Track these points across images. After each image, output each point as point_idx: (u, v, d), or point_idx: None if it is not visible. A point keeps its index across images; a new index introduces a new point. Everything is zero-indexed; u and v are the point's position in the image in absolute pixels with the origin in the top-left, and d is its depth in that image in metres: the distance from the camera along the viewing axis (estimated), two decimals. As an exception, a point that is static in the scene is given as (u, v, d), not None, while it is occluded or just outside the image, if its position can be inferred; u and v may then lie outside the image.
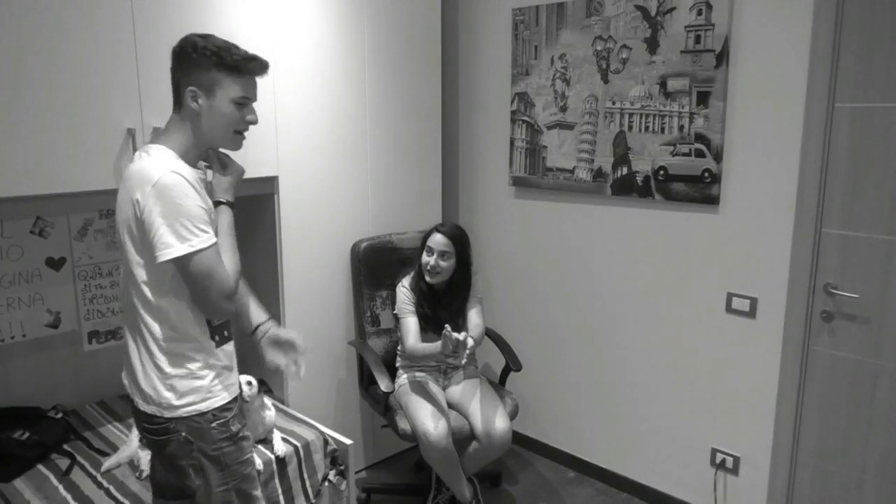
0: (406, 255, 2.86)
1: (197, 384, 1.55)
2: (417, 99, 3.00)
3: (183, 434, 1.55)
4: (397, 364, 2.74)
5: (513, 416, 2.59)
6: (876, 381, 2.21)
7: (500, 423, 2.43)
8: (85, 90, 1.96)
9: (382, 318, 2.85)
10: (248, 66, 1.56)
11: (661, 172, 2.57)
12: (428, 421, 2.39)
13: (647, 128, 2.59)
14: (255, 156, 2.41)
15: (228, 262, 1.55)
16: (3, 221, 2.28)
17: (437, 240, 2.55)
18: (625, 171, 2.68)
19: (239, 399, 1.68)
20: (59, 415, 2.29)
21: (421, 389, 2.56)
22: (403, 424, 2.51)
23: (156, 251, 1.45)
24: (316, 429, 2.39)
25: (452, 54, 3.30)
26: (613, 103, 2.68)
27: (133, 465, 2.09)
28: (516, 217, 3.15)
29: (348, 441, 2.40)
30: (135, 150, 2.06)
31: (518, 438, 3.27)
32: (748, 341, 2.47)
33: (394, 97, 2.90)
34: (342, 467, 2.40)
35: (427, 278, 2.56)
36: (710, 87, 2.40)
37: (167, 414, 1.54)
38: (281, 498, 2.20)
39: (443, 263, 2.54)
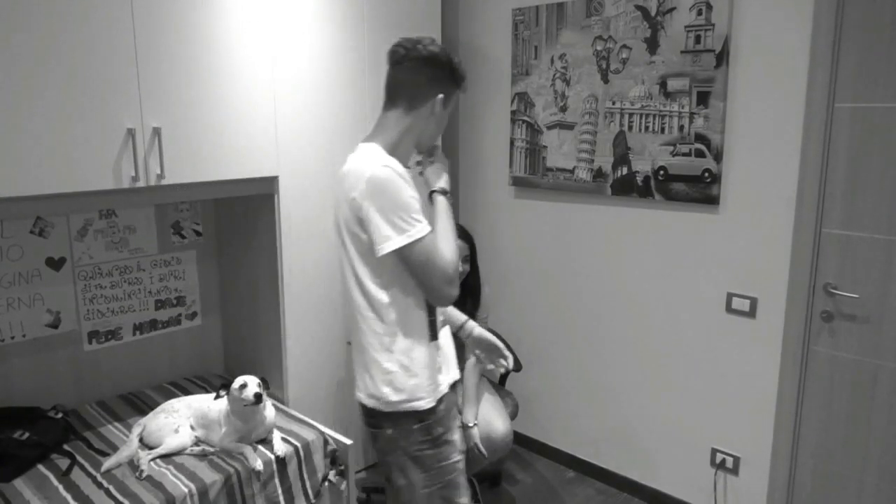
0: (406, 255, 2.85)
1: (412, 382, 1.60)
2: (417, 99, 3.00)
3: (389, 431, 1.62)
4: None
5: (513, 416, 2.59)
6: (876, 381, 2.21)
7: (501, 426, 2.43)
8: (85, 90, 1.95)
9: (382, 318, 2.84)
10: (465, 86, 1.74)
11: (661, 172, 2.57)
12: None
13: (647, 128, 2.59)
14: (255, 156, 2.41)
15: (446, 248, 1.58)
16: (3, 221, 2.28)
17: (458, 244, 2.49)
18: (625, 171, 2.68)
19: (444, 400, 1.68)
20: (59, 415, 2.29)
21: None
22: (403, 424, 2.51)
23: (376, 245, 1.51)
24: (316, 429, 2.39)
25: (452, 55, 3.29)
26: (613, 103, 2.68)
27: (133, 465, 2.09)
28: (516, 217, 3.15)
29: (348, 441, 2.40)
30: (135, 150, 2.07)
31: (518, 438, 3.26)
32: (748, 341, 2.47)
33: (394, 97, 2.90)
34: (342, 467, 2.40)
35: None
36: (710, 87, 2.40)
37: (384, 409, 1.61)
38: (281, 498, 2.20)
39: (463, 267, 2.52)
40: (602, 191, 2.78)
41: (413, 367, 1.60)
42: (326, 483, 2.35)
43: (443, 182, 1.74)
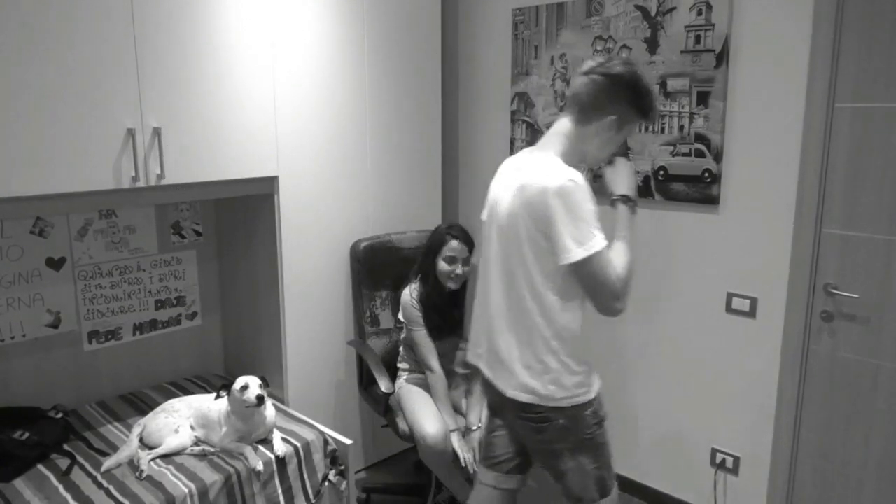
0: (406, 254, 2.85)
1: (576, 379, 1.69)
2: (417, 99, 3.00)
3: (561, 421, 1.69)
4: (398, 365, 2.74)
5: (513, 416, 2.59)
6: (876, 381, 2.21)
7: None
8: (85, 90, 1.95)
9: (382, 318, 2.84)
10: (652, 116, 1.72)
11: (661, 172, 2.57)
12: (427, 423, 2.38)
13: (647, 128, 2.59)
14: (255, 156, 2.41)
15: (619, 260, 1.62)
16: (3, 221, 2.28)
17: (456, 247, 2.48)
18: (625, 171, 2.68)
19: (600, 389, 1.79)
20: (59, 415, 2.29)
21: (421, 391, 2.55)
22: (403, 425, 2.51)
23: (556, 254, 1.57)
24: (316, 429, 2.39)
25: (452, 54, 3.30)
26: (613, 103, 2.68)
27: (133, 465, 2.10)
28: (516, 217, 3.15)
29: (348, 441, 2.40)
30: (135, 150, 2.07)
31: (518, 438, 3.26)
32: (748, 341, 2.47)
33: (394, 97, 2.90)
34: (342, 467, 2.40)
35: (452, 286, 2.50)
36: (710, 87, 2.39)
37: (550, 405, 1.68)
38: (281, 498, 2.20)
39: (466, 269, 2.52)
40: (602, 191, 2.77)
41: (575, 367, 1.68)
42: (326, 483, 2.35)
43: (625, 188, 1.77)
